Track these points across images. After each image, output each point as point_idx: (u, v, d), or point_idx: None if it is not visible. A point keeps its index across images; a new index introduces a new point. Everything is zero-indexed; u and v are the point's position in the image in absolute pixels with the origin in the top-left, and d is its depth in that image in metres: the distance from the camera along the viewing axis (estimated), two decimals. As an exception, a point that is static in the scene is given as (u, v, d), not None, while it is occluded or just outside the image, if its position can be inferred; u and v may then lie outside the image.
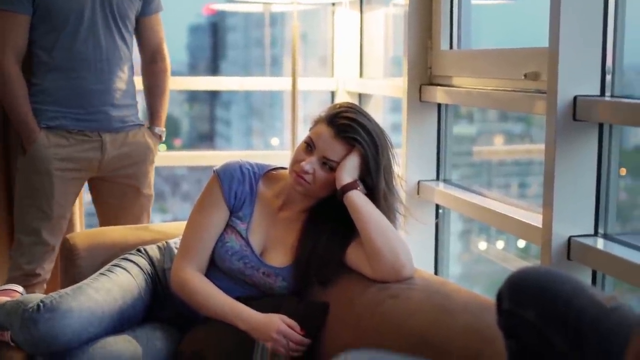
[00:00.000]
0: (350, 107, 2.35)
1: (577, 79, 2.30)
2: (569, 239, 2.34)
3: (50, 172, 3.05)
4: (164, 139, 3.33)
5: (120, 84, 3.12)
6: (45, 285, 3.17)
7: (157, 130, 3.29)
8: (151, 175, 3.29)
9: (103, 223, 3.27)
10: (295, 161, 2.34)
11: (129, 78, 3.17)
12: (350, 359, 1.47)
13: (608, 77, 2.33)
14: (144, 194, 3.27)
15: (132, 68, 3.20)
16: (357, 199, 2.28)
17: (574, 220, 2.35)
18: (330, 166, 2.31)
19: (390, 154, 2.35)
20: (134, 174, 3.21)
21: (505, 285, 1.51)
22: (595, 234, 2.37)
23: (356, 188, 2.29)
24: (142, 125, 3.25)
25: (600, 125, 2.34)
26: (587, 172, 2.35)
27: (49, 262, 3.13)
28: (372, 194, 2.32)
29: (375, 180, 2.31)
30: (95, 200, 3.30)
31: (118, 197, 3.24)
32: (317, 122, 2.36)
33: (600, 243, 2.32)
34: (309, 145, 2.33)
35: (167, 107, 3.34)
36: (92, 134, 3.09)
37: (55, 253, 3.13)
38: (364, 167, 2.30)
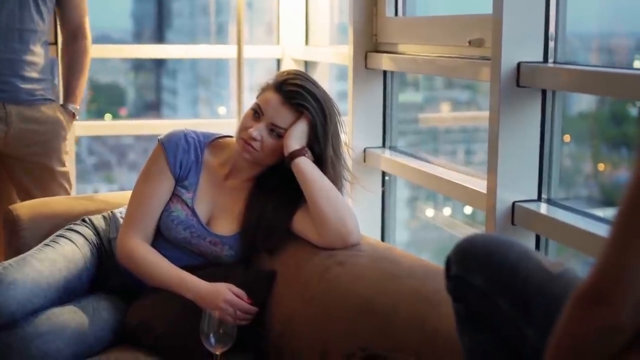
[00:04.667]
0: (298, 74, 2.35)
1: (521, 46, 2.32)
2: (513, 204, 2.37)
3: None
4: (77, 117, 3.21)
5: (31, 57, 3.03)
6: None
7: (70, 107, 3.19)
8: (63, 152, 3.17)
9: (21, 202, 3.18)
10: (243, 128, 2.33)
11: (42, 52, 3.08)
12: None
13: (551, 44, 2.35)
14: (58, 172, 3.15)
15: (47, 43, 3.12)
16: (305, 165, 2.29)
17: (518, 185, 2.38)
18: (277, 133, 2.31)
19: (337, 121, 2.36)
20: (43, 151, 3.10)
21: (453, 252, 1.53)
22: (539, 199, 2.40)
23: (304, 155, 2.30)
24: (54, 100, 3.16)
25: (544, 92, 2.36)
26: (530, 138, 2.37)
27: None
28: (320, 161, 2.32)
29: (323, 147, 2.31)
30: (10, 179, 3.19)
31: (31, 176, 3.12)
32: (264, 89, 2.36)
33: (543, 208, 2.35)
34: (257, 112, 2.32)
35: (84, 86, 3.24)
36: None
37: None
38: (312, 134, 2.31)
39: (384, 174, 3.32)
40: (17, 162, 3.11)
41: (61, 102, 3.23)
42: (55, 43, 3.42)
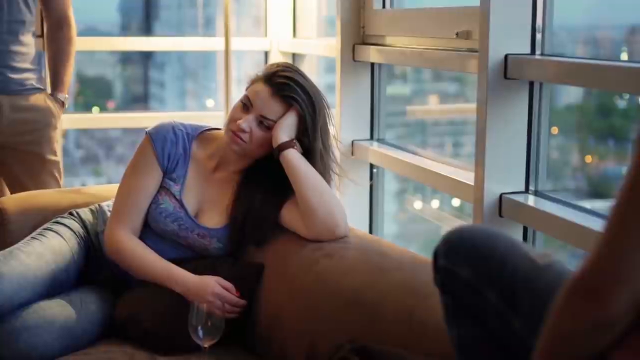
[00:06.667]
0: (287, 67, 2.35)
1: (508, 38, 2.33)
2: (501, 196, 2.37)
3: None
4: (67, 106, 3.24)
5: (20, 48, 3.06)
6: None
7: (59, 96, 3.21)
8: (55, 141, 3.19)
9: (12, 193, 3.19)
10: (232, 120, 2.33)
11: (31, 43, 3.11)
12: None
13: (538, 36, 2.36)
14: (49, 160, 3.17)
15: (34, 34, 3.15)
16: (294, 157, 2.28)
17: (506, 177, 2.38)
18: (267, 125, 2.30)
19: (326, 114, 2.36)
20: (36, 140, 3.12)
21: (441, 244, 1.53)
22: (526, 191, 2.41)
23: (293, 147, 2.29)
24: (43, 90, 3.18)
25: (531, 84, 2.37)
26: (518, 130, 2.38)
27: None
28: (308, 153, 2.32)
29: (311, 139, 2.31)
30: (1, 171, 3.19)
31: (22, 165, 3.14)
32: (254, 81, 2.35)
33: (531, 200, 2.36)
34: (246, 104, 2.32)
35: (70, 74, 3.26)
36: None
37: None
38: (301, 126, 2.31)
39: (372, 166, 3.32)
40: (9, 152, 3.13)
41: (49, 92, 3.24)
42: (42, 35, 3.43)
